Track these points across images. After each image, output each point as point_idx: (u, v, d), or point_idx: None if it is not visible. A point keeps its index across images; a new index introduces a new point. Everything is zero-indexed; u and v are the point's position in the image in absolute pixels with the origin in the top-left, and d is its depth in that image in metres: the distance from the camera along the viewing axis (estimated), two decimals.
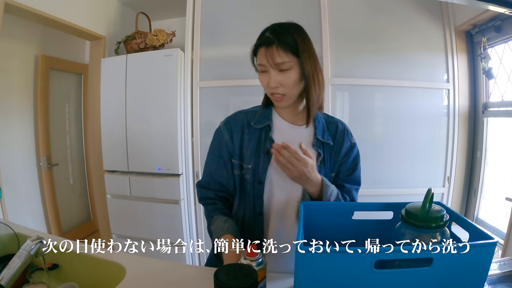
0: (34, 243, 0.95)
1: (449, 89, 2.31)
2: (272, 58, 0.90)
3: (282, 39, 0.90)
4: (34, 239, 0.96)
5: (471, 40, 2.35)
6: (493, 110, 2.25)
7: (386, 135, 2.37)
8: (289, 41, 0.90)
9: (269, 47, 0.90)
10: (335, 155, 1.03)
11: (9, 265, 0.89)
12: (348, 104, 2.38)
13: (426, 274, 0.64)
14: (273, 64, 0.90)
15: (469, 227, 0.75)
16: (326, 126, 1.05)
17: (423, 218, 0.73)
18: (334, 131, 1.05)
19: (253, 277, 0.65)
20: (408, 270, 0.64)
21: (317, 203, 0.96)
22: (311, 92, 0.95)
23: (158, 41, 2.46)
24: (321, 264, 0.64)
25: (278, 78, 0.91)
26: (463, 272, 0.65)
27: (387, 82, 2.28)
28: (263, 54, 0.91)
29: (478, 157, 2.36)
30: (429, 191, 0.75)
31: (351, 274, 0.64)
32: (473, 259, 0.64)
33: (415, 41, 2.30)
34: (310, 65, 0.93)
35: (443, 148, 2.35)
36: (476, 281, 0.67)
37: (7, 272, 0.87)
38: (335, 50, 2.28)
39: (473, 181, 2.41)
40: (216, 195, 1.06)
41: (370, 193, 2.30)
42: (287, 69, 0.91)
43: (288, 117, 1.04)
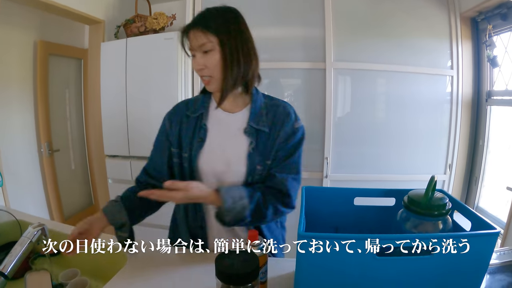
0: (36, 230, 0.95)
1: (453, 76, 2.29)
2: (195, 40, 0.91)
3: (204, 21, 0.91)
4: (36, 226, 0.96)
5: (476, 27, 2.31)
6: (497, 98, 2.22)
7: (388, 120, 2.36)
8: (211, 23, 0.91)
9: (193, 29, 0.92)
10: (271, 141, 0.98)
11: (11, 253, 0.89)
12: (351, 89, 2.36)
13: (428, 262, 0.64)
14: (196, 46, 0.92)
15: (471, 216, 0.75)
16: (265, 111, 1.01)
17: (425, 205, 0.73)
18: (273, 116, 1.00)
19: (254, 263, 0.65)
20: (410, 258, 0.64)
21: (319, 189, 0.96)
22: (227, 73, 0.93)
23: (158, 25, 2.43)
24: (323, 251, 0.64)
25: (202, 60, 0.92)
26: (465, 261, 0.65)
27: (390, 67, 2.26)
28: (189, 37, 0.93)
29: (480, 146, 2.35)
30: (432, 179, 0.74)
31: (353, 261, 0.64)
32: (475, 249, 0.64)
33: (420, 26, 2.26)
34: (231, 46, 0.92)
35: (445, 135, 2.34)
36: (477, 270, 0.67)
37: (9, 260, 0.88)
38: (338, 34, 2.25)
39: (474, 169, 2.41)
40: (146, 181, 1.08)
41: (371, 178, 2.31)
42: (209, 50, 0.91)
43: (225, 103, 1.03)
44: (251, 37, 0.98)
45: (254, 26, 0.96)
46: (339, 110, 2.36)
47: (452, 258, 0.64)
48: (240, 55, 0.93)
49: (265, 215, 0.93)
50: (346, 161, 2.34)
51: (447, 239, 0.62)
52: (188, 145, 1.01)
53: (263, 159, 0.97)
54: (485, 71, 2.29)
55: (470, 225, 0.75)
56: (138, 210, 1.04)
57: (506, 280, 0.87)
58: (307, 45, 2.31)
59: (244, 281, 0.63)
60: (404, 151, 2.35)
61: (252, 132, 0.98)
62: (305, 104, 2.37)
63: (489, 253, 0.66)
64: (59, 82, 2.81)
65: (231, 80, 0.94)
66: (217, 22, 0.91)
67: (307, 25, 2.30)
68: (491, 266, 0.93)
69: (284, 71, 2.37)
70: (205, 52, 0.92)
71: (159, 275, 0.97)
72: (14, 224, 1.33)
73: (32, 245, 0.93)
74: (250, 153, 0.97)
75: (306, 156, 2.41)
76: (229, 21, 0.93)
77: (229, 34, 0.92)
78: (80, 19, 2.52)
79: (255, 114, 1.00)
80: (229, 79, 0.94)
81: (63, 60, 2.83)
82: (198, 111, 1.04)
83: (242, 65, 0.94)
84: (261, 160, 0.97)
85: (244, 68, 0.95)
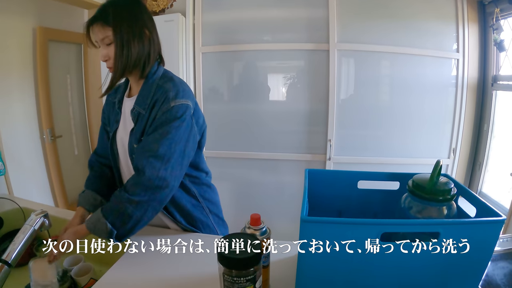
0: (38, 217, 0.95)
1: (459, 59, 2.24)
2: (96, 34, 0.97)
3: (102, 15, 0.96)
4: (38, 213, 0.96)
5: (483, 10, 2.25)
6: (503, 83, 2.18)
7: (392, 103, 2.33)
8: (107, 16, 0.96)
9: (95, 24, 0.97)
10: (145, 121, 1.01)
11: (14, 241, 0.89)
12: (354, 71, 2.33)
13: (432, 248, 0.63)
14: (99, 40, 0.98)
15: (476, 202, 0.74)
16: (153, 92, 1.02)
17: (430, 190, 0.72)
18: (155, 96, 1.01)
19: (257, 246, 0.65)
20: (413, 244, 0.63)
21: (322, 171, 0.94)
22: (116, 61, 0.98)
23: (158, 7, 2.39)
24: (326, 235, 0.63)
25: (105, 51, 0.99)
26: (469, 247, 0.64)
27: (395, 49, 2.22)
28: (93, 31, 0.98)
29: (485, 130, 2.33)
30: (437, 163, 0.73)
31: (357, 246, 0.63)
32: (479, 236, 0.63)
33: (426, 8, 2.21)
34: (121, 34, 0.96)
35: (449, 119, 2.32)
36: (481, 257, 0.67)
37: (12, 248, 0.88)
38: (342, 15, 2.21)
39: (478, 154, 2.39)
40: (96, 160, 1.22)
41: (374, 161, 2.31)
42: (110, 43, 0.97)
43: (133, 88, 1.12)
44: (148, 20, 1.04)
45: (254, 5, 0.94)
46: (343, 92, 2.33)
47: (456, 245, 0.63)
48: (132, 41, 0.98)
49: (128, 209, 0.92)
50: (349, 144, 2.33)
51: (452, 226, 0.62)
52: (112, 125, 1.14)
53: (139, 137, 1.02)
54: (491, 55, 2.25)
55: (475, 211, 0.74)
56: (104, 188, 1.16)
57: (508, 267, 0.87)
58: (311, 26, 2.27)
59: (246, 266, 0.63)
60: (407, 135, 2.33)
61: (135, 113, 1.04)
62: (308, 86, 2.35)
63: (494, 240, 0.65)
64: (60, 68, 2.78)
65: (121, 68, 0.99)
66: (113, 14, 0.96)
67: (310, 5, 2.24)
68: (493, 254, 0.92)
69: (287, 52, 2.33)
70: (107, 44, 0.98)
71: (161, 260, 0.98)
72: (17, 212, 1.33)
73: (35, 232, 0.94)
74: (131, 132, 1.05)
75: (309, 138, 2.42)
76: (121, 8, 0.98)
77: (121, 22, 0.96)
78: (79, 4, 2.47)
79: (142, 96, 1.04)
80: (119, 67, 0.99)
81: (63, 46, 2.80)
82: (117, 97, 1.15)
83: (133, 52, 0.99)
84: (137, 138, 1.02)
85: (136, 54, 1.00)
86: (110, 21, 0.95)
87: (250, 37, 2.33)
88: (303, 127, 2.39)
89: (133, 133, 1.04)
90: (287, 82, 2.42)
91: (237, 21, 2.31)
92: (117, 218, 0.92)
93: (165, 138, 0.96)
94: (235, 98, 2.49)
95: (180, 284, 0.89)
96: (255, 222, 0.78)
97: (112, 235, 0.92)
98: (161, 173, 0.94)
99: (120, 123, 1.11)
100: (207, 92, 2.45)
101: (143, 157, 0.95)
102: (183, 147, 0.99)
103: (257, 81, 2.45)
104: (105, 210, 0.94)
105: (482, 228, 0.63)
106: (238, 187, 2.57)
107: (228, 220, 1.33)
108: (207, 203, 1.20)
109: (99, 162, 1.22)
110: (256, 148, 2.45)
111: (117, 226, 0.92)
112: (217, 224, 1.23)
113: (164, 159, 0.95)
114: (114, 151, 1.14)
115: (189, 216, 1.14)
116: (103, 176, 1.19)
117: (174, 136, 0.97)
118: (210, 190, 1.23)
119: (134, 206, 0.92)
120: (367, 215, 0.90)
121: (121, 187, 0.97)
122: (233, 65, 2.45)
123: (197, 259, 0.96)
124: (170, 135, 0.96)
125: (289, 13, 2.28)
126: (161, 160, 0.95)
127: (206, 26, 2.37)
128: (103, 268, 1.06)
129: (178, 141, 0.98)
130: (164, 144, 0.95)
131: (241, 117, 2.45)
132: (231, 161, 2.51)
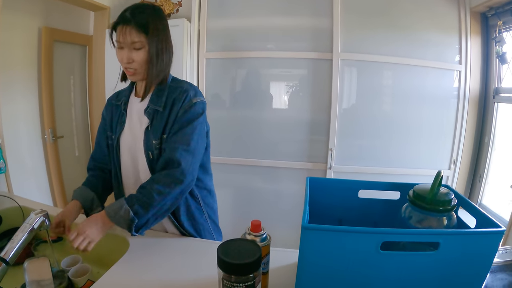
0: (38, 217, 0.95)
1: (461, 71, 2.26)
2: (127, 37, 0.99)
3: (137, 19, 1.00)
4: (38, 212, 0.96)
5: (486, 23, 2.27)
6: (504, 96, 2.19)
7: (394, 113, 2.34)
8: (143, 22, 1.00)
9: (126, 26, 0.99)
10: (167, 118, 1.06)
11: (12, 239, 0.89)
12: (357, 80, 2.34)
13: (432, 258, 0.63)
14: (128, 43, 1.00)
15: (476, 213, 0.74)
16: (167, 92, 1.09)
17: (431, 201, 0.72)
18: (171, 95, 1.08)
19: (257, 253, 0.65)
20: (414, 253, 0.63)
21: (324, 180, 0.95)
22: (152, 69, 1.04)
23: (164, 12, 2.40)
24: (326, 243, 0.63)
25: (132, 55, 1.02)
26: (469, 258, 0.64)
27: (397, 59, 2.24)
28: (120, 32, 1.01)
29: (486, 142, 2.33)
30: (438, 174, 0.73)
31: (357, 254, 0.63)
32: (479, 246, 0.63)
33: (428, 19, 2.23)
34: (156, 45, 1.03)
35: (450, 130, 2.32)
36: (480, 268, 0.66)
37: (10, 246, 0.87)
38: (345, 25, 2.23)
39: (479, 166, 2.39)
40: (94, 166, 1.24)
41: (374, 171, 2.31)
42: (140, 48, 1.01)
43: (141, 91, 1.14)
44: (169, 32, 1.11)
45: (259, 13, 0.96)
46: (345, 102, 2.34)
47: (456, 255, 0.63)
48: (164, 53, 1.06)
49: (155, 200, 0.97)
50: (350, 153, 2.33)
51: (452, 236, 0.62)
52: (115, 128, 1.15)
53: (159, 134, 1.06)
54: (493, 67, 2.26)
55: (475, 222, 0.74)
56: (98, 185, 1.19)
57: (507, 279, 0.86)
58: (314, 35, 2.28)
59: (245, 272, 0.63)
60: (408, 145, 2.34)
61: (150, 112, 1.08)
62: (311, 94, 2.36)
63: (493, 251, 0.65)
64: (64, 69, 2.79)
65: (155, 75, 1.06)
66: (148, 21, 1.01)
67: (315, 15, 2.27)
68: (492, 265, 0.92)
69: (291, 60, 2.35)
70: (135, 48, 1.01)
71: (160, 264, 0.97)
72: (17, 210, 1.33)
73: (34, 231, 0.93)
74: (147, 130, 1.08)
75: (310, 147, 2.42)
76: (157, 22, 1.04)
77: (157, 34, 1.03)
78: (85, 5, 2.50)
79: (156, 96, 1.09)
80: (153, 74, 1.05)
81: (68, 47, 2.81)
82: (121, 99, 1.17)
83: (164, 61, 1.07)
84: (156, 135, 1.06)
85: (165, 63, 1.08)
86: (148, 29, 1.00)
87: (254, 45, 2.34)
88: (304, 136, 2.39)
89: (150, 130, 1.08)
90: (289, 90, 2.43)
91: (241, 28, 2.33)
92: (141, 207, 0.96)
93: (193, 133, 1.05)
94: (237, 104, 2.50)
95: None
96: (255, 229, 0.78)
97: (132, 224, 0.95)
98: (193, 167, 1.03)
99: (126, 124, 1.13)
100: (210, 98, 2.47)
101: (176, 151, 1.01)
102: (203, 141, 1.10)
103: (260, 89, 2.46)
104: (129, 198, 0.98)
105: (482, 239, 0.63)
106: (239, 193, 2.57)
107: (228, 225, 1.34)
108: (207, 208, 1.22)
109: (97, 167, 1.24)
110: (257, 155, 2.46)
111: (140, 215, 0.95)
112: (214, 230, 1.26)
113: (195, 153, 1.04)
114: (117, 154, 1.16)
115: (192, 217, 1.16)
116: (100, 177, 1.22)
117: (200, 131, 1.07)
118: (210, 196, 1.25)
119: (163, 197, 0.98)
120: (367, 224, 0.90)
121: (149, 179, 1.01)
122: (237, 72, 2.46)
123: (195, 263, 0.96)
124: (197, 130, 1.06)
125: (293, 22, 2.30)
126: (192, 154, 1.03)
127: (211, 32, 2.39)
128: (101, 270, 1.06)
129: (202, 135, 1.09)
130: (194, 139, 1.04)
131: (243, 124, 2.46)
132: (232, 167, 2.51)
